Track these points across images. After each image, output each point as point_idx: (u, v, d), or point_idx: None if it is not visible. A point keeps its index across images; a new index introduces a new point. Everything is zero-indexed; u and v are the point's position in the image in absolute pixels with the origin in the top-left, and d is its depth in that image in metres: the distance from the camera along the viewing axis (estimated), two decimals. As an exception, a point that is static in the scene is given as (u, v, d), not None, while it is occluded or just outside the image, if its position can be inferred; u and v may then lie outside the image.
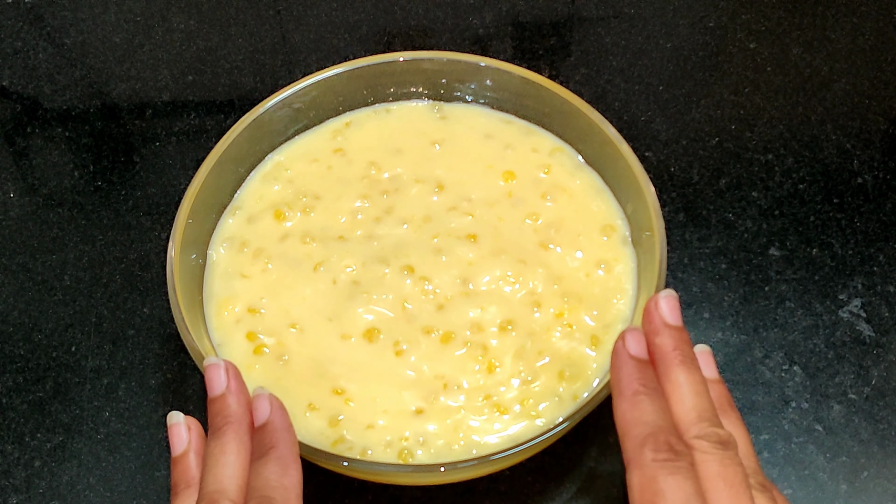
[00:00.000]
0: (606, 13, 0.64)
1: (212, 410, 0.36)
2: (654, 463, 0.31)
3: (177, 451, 0.36)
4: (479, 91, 0.51)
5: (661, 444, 0.32)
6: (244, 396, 0.36)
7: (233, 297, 0.45)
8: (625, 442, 0.33)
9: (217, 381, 0.36)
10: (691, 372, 0.34)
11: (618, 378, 0.34)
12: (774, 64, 0.60)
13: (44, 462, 0.45)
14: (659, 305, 0.36)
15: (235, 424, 0.35)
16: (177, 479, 0.35)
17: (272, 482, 0.33)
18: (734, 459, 0.32)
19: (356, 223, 0.47)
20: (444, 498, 0.43)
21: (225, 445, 0.34)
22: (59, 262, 0.52)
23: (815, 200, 0.53)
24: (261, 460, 0.34)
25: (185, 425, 0.36)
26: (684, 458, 0.31)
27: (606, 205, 0.47)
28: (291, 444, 0.35)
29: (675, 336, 0.35)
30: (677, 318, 0.36)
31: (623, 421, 0.33)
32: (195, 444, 0.36)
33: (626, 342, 0.35)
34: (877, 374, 0.46)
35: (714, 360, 0.38)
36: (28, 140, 0.58)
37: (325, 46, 0.62)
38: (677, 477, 0.31)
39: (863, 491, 0.43)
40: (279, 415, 0.35)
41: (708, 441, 0.32)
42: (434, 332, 0.43)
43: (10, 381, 0.47)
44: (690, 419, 0.33)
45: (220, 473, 0.34)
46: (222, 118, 0.58)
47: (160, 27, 0.64)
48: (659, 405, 0.33)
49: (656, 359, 0.35)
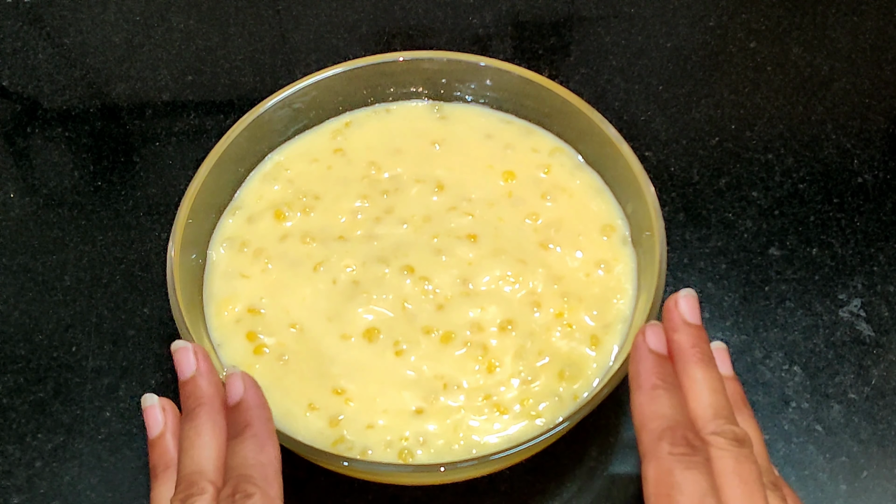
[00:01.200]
0: (606, 13, 0.63)
1: (183, 393, 0.36)
2: (671, 456, 0.31)
3: (153, 433, 0.36)
4: (478, 91, 0.51)
5: (678, 438, 0.32)
6: (215, 377, 0.36)
7: (233, 297, 0.45)
8: (641, 434, 0.33)
9: (186, 363, 0.36)
10: (709, 369, 0.35)
11: (637, 371, 0.35)
12: (774, 64, 0.60)
13: (45, 462, 0.45)
14: (679, 304, 0.36)
15: (208, 405, 0.35)
16: (155, 461, 0.35)
17: (249, 460, 0.33)
18: (749, 457, 0.32)
19: (356, 223, 0.47)
20: (444, 498, 0.43)
21: (199, 427, 0.34)
22: (60, 262, 0.52)
23: (815, 200, 0.53)
24: (237, 439, 0.34)
25: (160, 407, 0.36)
26: (700, 453, 0.32)
27: (606, 205, 0.47)
28: (266, 420, 0.35)
29: (694, 334, 0.36)
30: (696, 316, 0.36)
31: (640, 414, 0.33)
32: (171, 425, 0.36)
33: (647, 337, 0.35)
34: (877, 374, 0.46)
35: (729, 357, 0.38)
36: (28, 140, 0.58)
37: (324, 46, 0.62)
38: (694, 472, 0.31)
39: (862, 491, 0.43)
40: (253, 393, 0.35)
41: (724, 438, 0.32)
42: (434, 332, 0.43)
43: (10, 382, 0.47)
44: (707, 415, 0.33)
45: (197, 455, 0.34)
46: (222, 118, 0.58)
47: (160, 27, 0.64)
48: (677, 400, 0.34)
49: (675, 355, 0.35)
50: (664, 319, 0.37)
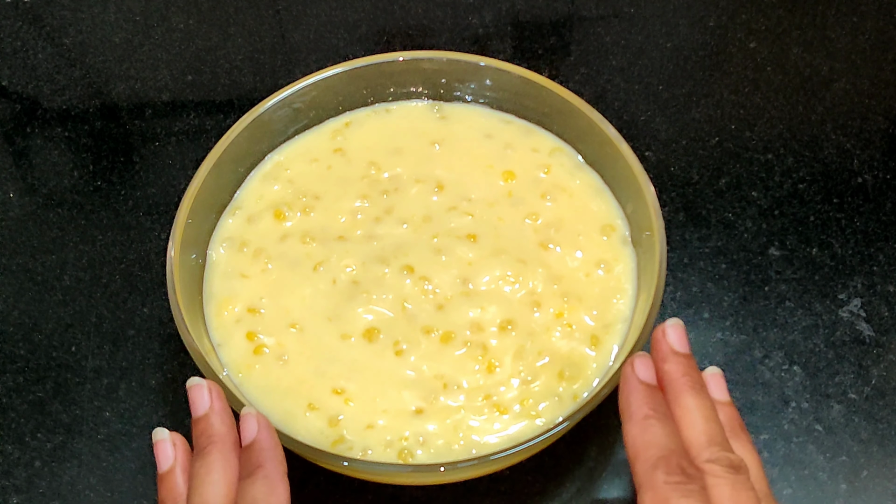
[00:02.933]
0: (606, 13, 0.63)
1: (196, 431, 0.36)
2: (667, 485, 0.31)
3: (163, 468, 0.36)
4: (478, 91, 0.51)
5: (673, 467, 0.32)
6: (228, 416, 0.36)
7: (233, 297, 0.45)
8: (635, 465, 0.33)
9: (200, 401, 0.36)
10: (701, 397, 0.35)
11: (627, 403, 0.34)
12: (774, 64, 0.60)
13: (44, 462, 0.45)
14: (667, 333, 0.36)
15: (220, 444, 0.35)
16: (164, 496, 0.36)
17: (259, 501, 0.33)
18: (746, 484, 0.32)
19: (356, 223, 0.47)
20: (444, 498, 0.43)
21: (210, 465, 0.34)
22: (59, 262, 0.52)
23: (815, 200, 0.53)
24: (248, 479, 0.34)
25: (171, 441, 0.36)
26: (696, 481, 0.32)
27: (606, 205, 0.47)
28: (279, 462, 0.35)
29: (684, 363, 0.36)
30: (685, 345, 0.36)
31: (634, 444, 0.33)
32: (181, 460, 0.36)
33: (636, 368, 0.35)
34: (876, 374, 0.46)
35: (725, 383, 0.38)
36: (28, 140, 0.58)
37: (324, 46, 0.62)
38: (690, 500, 0.31)
39: (862, 490, 0.43)
40: (266, 434, 0.35)
41: (719, 465, 0.32)
42: (434, 331, 0.43)
43: (10, 382, 0.47)
44: (701, 443, 0.33)
45: (206, 493, 0.34)
46: (222, 118, 0.58)
47: (160, 27, 0.64)
48: (670, 429, 0.33)
49: (665, 385, 0.35)
50: (652, 350, 0.36)
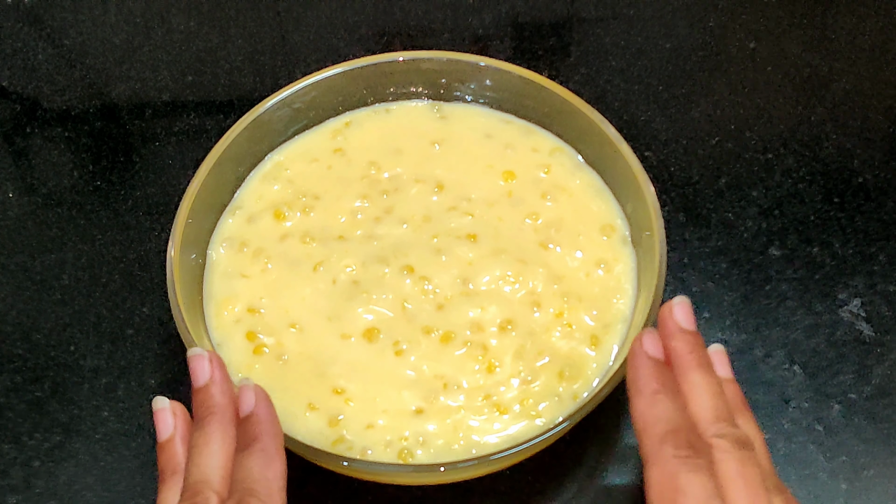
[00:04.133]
0: (606, 14, 0.63)
1: (196, 401, 0.36)
2: (675, 459, 0.31)
3: (163, 437, 0.36)
4: (478, 91, 0.51)
5: (681, 441, 0.32)
6: (228, 387, 0.36)
7: (232, 296, 0.44)
8: (643, 439, 0.33)
9: (201, 371, 0.36)
10: (708, 374, 0.35)
11: (636, 377, 0.35)
12: (774, 64, 0.60)
13: (42, 462, 0.44)
14: (674, 311, 0.36)
15: (219, 415, 0.35)
16: (163, 465, 0.35)
17: (255, 474, 0.33)
18: (752, 460, 0.32)
19: (356, 223, 0.47)
20: (444, 498, 0.42)
21: (209, 436, 0.34)
22: (58, 261, 0.52)
23: (815, 200, 0.53)
24: (245, 452, 0.34)
25: (171, 410, 0.36)
26: (704, 455, 0.32)
27: (606, 205, 0.47)
28: (275, 435, 0.35)
29: (691, 340, 0.36)
30: (691, 322, 0.36)
31: (642, 419, 0.33)
32: (181, 429, 0.36)
33: (644, 343, 0.35)
34: (877, 374, 0.46)
35: (728, 360, 0.38)
36: (27, 140, 0.58)
37: (324, 46, 0.62)
38: (698, 475, 0.31)
39: (863, 491, 0.43)
40: (264, 406, 0.35)
41: (727, 440, 0.32)
42: (434, 331, 0.43)
43: (8, 381, 0.47)
44: (708, 418, 0.33)
45: (204, 464, 0.34)
46: (222, 118, 0.58)
47: (160, 28, 0.64)
48: (678, 404, 0.34)
49: (673, 362, 0.36)
50: (660, 327, 0.37)
